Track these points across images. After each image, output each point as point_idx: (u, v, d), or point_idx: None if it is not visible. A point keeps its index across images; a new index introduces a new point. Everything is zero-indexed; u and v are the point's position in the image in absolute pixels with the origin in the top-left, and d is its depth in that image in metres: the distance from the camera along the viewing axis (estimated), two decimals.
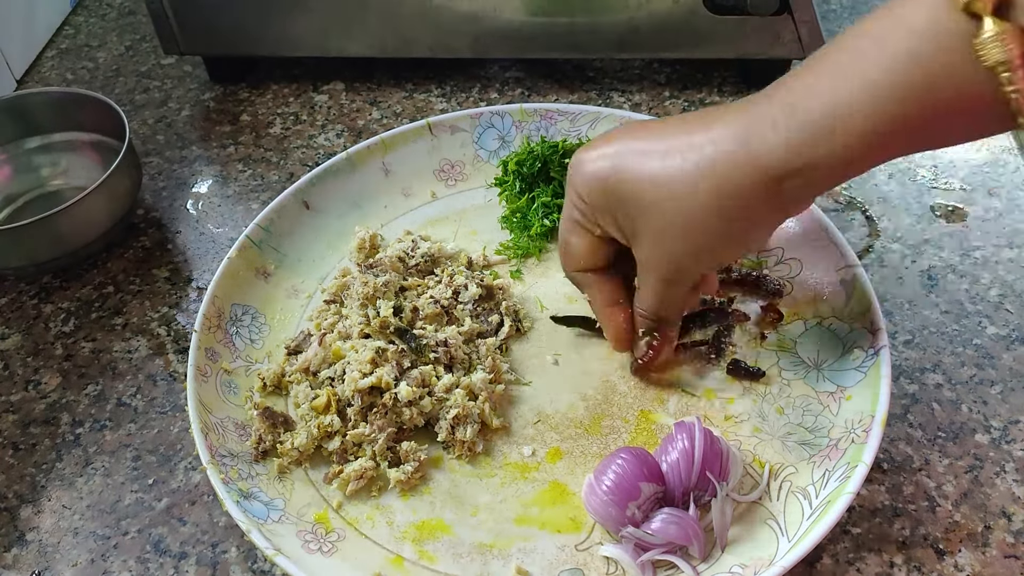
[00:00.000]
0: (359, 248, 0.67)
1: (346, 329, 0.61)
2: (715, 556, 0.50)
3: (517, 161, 0.70)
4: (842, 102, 0.41)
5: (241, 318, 0.63)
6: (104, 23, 0.99)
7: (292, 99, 0.87)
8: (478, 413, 0.57)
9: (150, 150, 0.83)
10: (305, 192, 0.69)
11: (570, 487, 0.55)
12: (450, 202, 0.72)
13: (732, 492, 0.52)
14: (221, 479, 0.53)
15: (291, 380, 0.60)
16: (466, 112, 0.74)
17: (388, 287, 0.63)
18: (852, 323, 0.58)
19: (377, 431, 0.56)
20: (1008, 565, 0.51)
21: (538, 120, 0.73)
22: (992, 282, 0.66)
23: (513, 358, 0.62)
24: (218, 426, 0.56)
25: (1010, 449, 0.56)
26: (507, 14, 0.78)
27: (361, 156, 0.71)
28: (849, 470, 0.50)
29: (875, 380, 0.54)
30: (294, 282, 0.67)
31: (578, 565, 0.51)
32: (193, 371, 0.58)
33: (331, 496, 0.55)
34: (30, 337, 0.68)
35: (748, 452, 0.55)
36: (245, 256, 0.65)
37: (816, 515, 0.49)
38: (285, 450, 0.56)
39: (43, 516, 0.58)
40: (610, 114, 0.72)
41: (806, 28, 0.75)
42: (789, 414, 0.57)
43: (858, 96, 0.41)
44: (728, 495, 0.51)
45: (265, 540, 0.50)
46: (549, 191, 0.69)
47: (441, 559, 0.52)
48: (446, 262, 0.67)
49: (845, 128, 0.41)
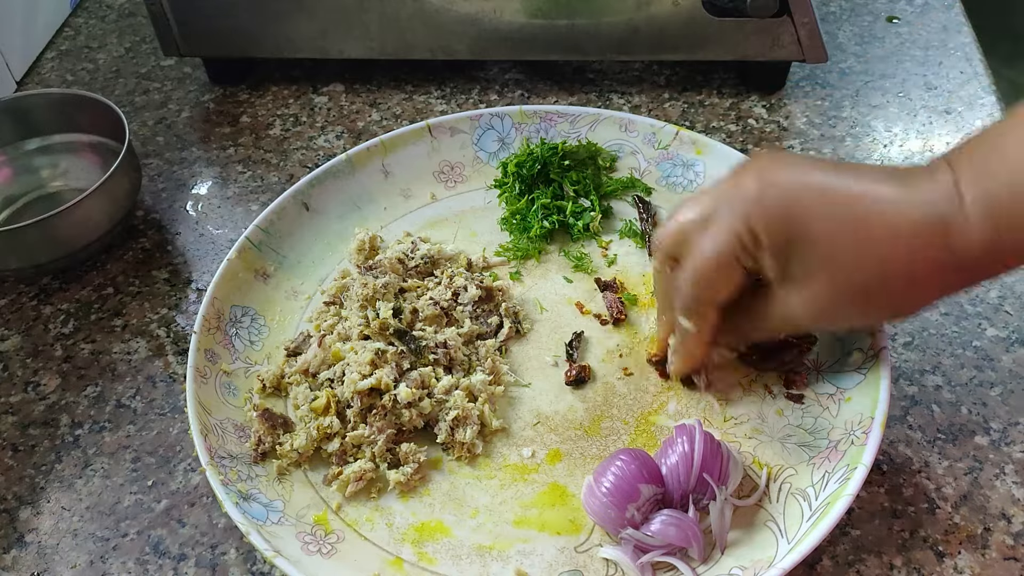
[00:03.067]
0: (359, 250, 0.67)
1: (346, 331, 0.61)
2: (715, 558, 0.50)
3: (517, 163, 0.70)
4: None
5: (240, 320, 0.63)
6: (104, 25, 0.99)
7: (292, 101, 0.87)
8: (477, 415, 0.57)
9: (150, 152, 0.83)
10: (305, 194, 0.69)
11: (569, 489, 0.55)
12: (450, 204, 0.72)
13: (731, 496, 0.52)
14: (220, 481, 0.53)
15: (290, 382, 0.60)
16: (466, 114, 0.74)
17: (388, 289, 0.63)
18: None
19: (376, 433, 0.56)
20: (1008, 567, 0.51)
21: (538, 122, 0.73)
22: (992, 284, 0.66)
23: (512, 359, 0.62)
24: (217, 428, 0.56)
25: (1010, 451, 0.56)
26: (507, 16, 0.78)
27: (361, 158, 0.71)
28: (849, 472, 0.50)
29: (875, 382, 0.54)
30: (293, 284, 0.67)
31: (577, 567, 0.51)
32: (192, 372, 0.58)
33: (330, 498, 0.55)
34: (29, 338, 0.68)
35: (748, 453, 0.55)
36: (244, 258, 0.65)
37: (816, 517, 0.49)
38: (284, 452, 0.56)
39: (42, 518, 0.58)
40: (609, 116, 0.72)
41: (805, 30, 0.75)
42: (788, 416, 0.57)
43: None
44: (727, 499, 0.51)
45: (264, 542, 0.50)
46: (548, 193, 0.69)
47: (440, 561, 0.52)
48: (446, 264, 0.67)
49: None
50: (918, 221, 0.44)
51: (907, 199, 0.44)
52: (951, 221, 0.43)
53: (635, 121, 0.71)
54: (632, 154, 0.72)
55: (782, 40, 0.76)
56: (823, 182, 0.47)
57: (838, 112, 0.80)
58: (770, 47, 0.77)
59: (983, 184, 0.43)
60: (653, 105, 0.82)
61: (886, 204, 0.45)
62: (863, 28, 0.89)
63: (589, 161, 0.71)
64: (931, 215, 0.43)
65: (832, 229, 0.45)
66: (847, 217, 0.45)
